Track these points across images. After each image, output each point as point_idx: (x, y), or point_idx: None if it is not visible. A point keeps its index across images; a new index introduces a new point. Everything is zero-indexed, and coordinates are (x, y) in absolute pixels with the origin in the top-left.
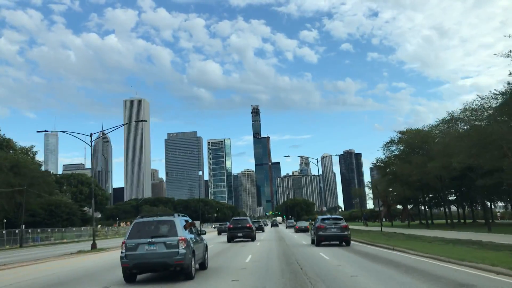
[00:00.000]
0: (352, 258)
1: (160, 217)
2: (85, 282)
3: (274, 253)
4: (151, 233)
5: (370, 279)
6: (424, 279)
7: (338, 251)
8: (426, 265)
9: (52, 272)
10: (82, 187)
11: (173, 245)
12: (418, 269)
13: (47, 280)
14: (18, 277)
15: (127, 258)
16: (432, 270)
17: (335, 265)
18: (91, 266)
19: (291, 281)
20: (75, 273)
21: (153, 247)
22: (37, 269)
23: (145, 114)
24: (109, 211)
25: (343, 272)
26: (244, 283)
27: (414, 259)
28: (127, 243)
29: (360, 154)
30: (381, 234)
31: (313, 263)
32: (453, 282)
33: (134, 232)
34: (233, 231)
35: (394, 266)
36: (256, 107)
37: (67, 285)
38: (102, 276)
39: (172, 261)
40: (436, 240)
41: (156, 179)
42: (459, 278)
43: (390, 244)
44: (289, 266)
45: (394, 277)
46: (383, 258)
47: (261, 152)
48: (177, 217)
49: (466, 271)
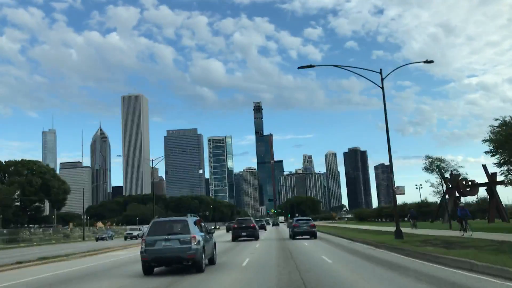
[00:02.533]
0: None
1: (174, 217)
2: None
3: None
4: (167, 231)
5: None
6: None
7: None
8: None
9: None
10: (33, 177)
11: (186, 241)
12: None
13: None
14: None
15: (147, 253)
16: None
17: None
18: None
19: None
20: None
21: (169, 243)
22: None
23: (144, 110)
24: (93, 210)
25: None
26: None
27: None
28: (147, 240)
29: (366, 152)
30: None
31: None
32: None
33: (152, 230)
34: (237, 230)
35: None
36: (258, 104)
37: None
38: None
39: (185, 255)
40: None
41: (156, 178)
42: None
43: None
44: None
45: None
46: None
47: (264, 150)
48: (189, 217)
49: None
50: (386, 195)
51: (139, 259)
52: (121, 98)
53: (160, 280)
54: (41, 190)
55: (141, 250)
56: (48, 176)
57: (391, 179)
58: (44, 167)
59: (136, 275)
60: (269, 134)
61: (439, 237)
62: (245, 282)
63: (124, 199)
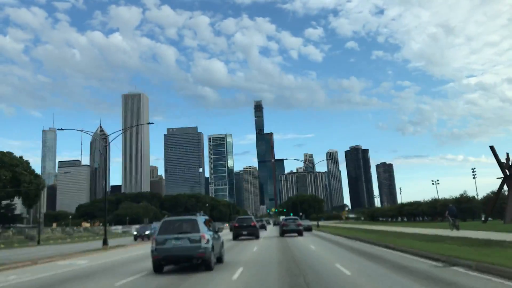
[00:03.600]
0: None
1: (184, 216)
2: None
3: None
4: (177, 230)
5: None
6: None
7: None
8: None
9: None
10: (1, 170)
11: (196, 240)
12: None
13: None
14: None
15: (157, 251)
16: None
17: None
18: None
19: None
20: None
21: (179, 242)
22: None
23: (144, 109)
24: (83, 208)
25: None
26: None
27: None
28: (157, 239)
29: (367, 150)
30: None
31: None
32: None
33: (162, 229)
34: (238, 229)
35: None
36: (259, 102)
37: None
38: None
39: (195, 254)
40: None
41: (156, 177)
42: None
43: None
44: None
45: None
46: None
47: (264, 149)
48: (199, 217)
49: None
50: (388, 195)
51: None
52: (122, 96)
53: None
54: (11, 184)
55: (151, 248)
56: (20, 170)
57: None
58: (17, 159)
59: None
60: (270, 133)
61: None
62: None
63: (117, 197)
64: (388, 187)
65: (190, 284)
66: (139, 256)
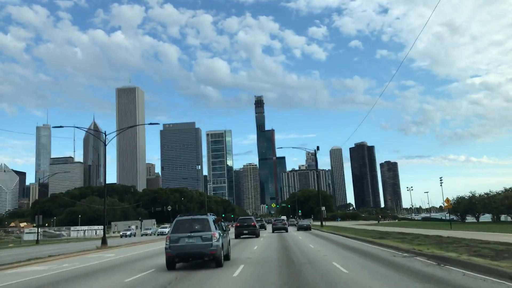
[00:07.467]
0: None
1: (196, 216)
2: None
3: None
4: (190, 229)
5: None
6: None
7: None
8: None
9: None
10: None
11: (207, 238)
12: None
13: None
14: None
15: (171, 249)
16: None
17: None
18: None
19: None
20: None
21: (192, 240)
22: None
23: (140, 103)
24: (39, 205)
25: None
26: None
27: None
28: (171, 237)
29: (373, 147)
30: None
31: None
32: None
33: (176, 228)
34: (239, 229)
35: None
36: (260, 98)
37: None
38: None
39: (207, 251)
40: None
41: (152, 174)
42: None
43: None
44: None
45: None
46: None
47: (265, 146)
48: (209, 216)
49: None
50: (393, 194)
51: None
52: (116, 90)
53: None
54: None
55: (165, 246)
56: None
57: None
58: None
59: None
60: (271, 130)
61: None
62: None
63: (81, 192)
64: (393, 186)
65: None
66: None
